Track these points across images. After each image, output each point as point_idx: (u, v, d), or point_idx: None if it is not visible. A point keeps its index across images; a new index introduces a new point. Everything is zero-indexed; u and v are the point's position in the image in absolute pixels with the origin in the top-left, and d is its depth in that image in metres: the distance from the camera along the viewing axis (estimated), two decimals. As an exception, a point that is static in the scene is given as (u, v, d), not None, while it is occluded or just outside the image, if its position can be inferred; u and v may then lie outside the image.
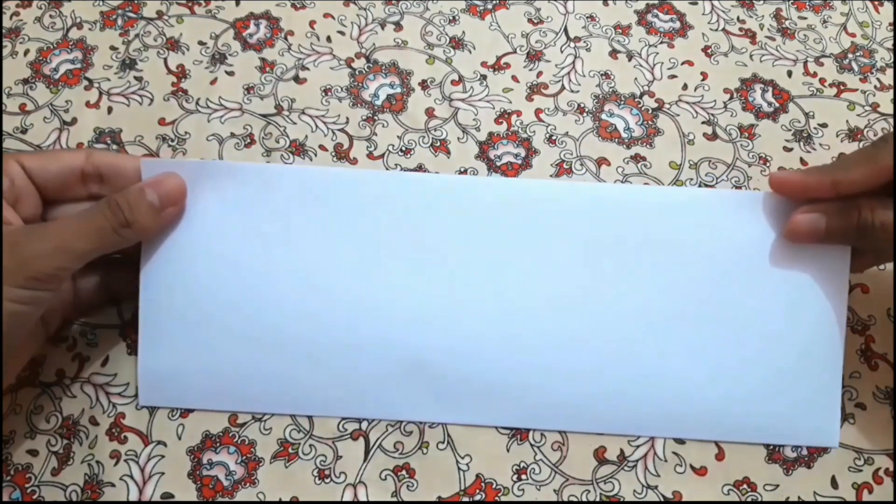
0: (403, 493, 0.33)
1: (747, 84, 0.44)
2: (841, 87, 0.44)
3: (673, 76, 0.44)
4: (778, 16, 0.47)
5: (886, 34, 0.46)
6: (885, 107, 0.43)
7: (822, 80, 0.44)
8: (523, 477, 0.33)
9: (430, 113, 0.42)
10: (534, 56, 0.44)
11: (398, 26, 0.45)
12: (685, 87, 0.44)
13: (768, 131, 0.42)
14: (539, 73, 0.44)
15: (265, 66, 0.43)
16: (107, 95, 0.42)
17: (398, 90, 0.43)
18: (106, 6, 0.45)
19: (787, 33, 0.46)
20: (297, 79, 0.43)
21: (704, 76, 0.44)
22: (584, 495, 0.33)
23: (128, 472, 0.33)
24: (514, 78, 0.44)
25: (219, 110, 0.42)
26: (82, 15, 0.45)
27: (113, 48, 0.44)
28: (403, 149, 0.41)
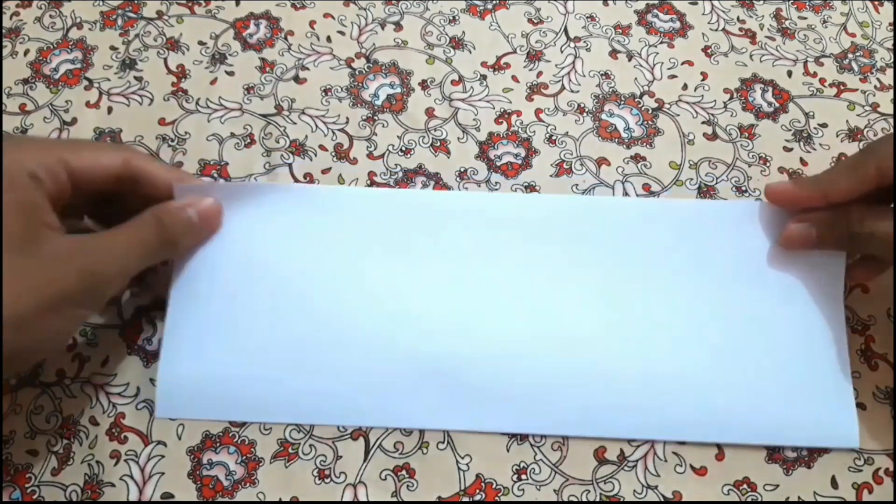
0: (403, 493, 0.33)
1: (747, 84, 0.44)
2: (841, 87, 0.44)
3: (673, 76, 0.44)
4: (778, 16, 0.47)
5: (886, 34, 0.46)
6: (885, 107, 0.43)
7: (822, 80, 0.44)
8: (523, 477, 0.33)
9: (430, 113, 0.42)
10: (534, 56, 0.44)
11: (398, 26, 0.45)
12: (685, 87, 0.44)
13: (768, 131, 0.42)
14: (539, 73, 0.44)
15: (265, 66, 0.43)
16: (107, 95, 0.42)
17: (398, 90, 0.43)
18: (106, 6, 0.45)
19: (787, 33, 0.46)
20: (297, 79, 0.43)
21: (704, 76, 0.44)
22: (584, 495, 0.33)
23: (128, 472, 0.33)
24: (514, 78, 0.44)
25: (219, 110, 0.42)
26: (82, 15, 0.45)
27: (113, 48, 0.44)
28: (403, 149, 0.41)
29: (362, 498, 0.33)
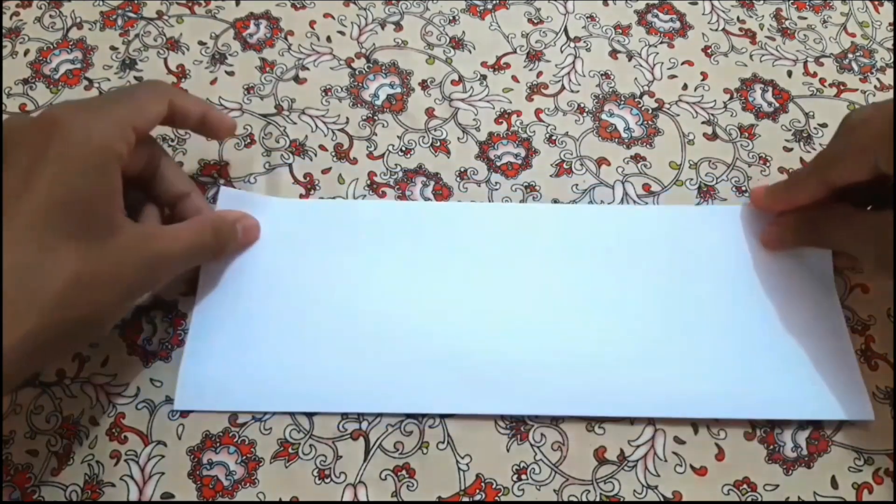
0: (403, 493, 0.33)
1: (747, 84, 0.44)
2: (841, 87, 0.44)
3: (673, 76, 0.44)
4: (778, 16, 0.47)
5: (886, 34, 0.46)
6: (885, 107, 0.43)
7: (822, 80, 0.44)
8: (523, 477, 0.33)
9: (430, 113, 0.42)
10: (534, 56, 0.44)
11: (398, 26, 0.45)
12: (685, 87, 0.44)
13: (768, 131, 0.42)
14: (539, 73, 0.44)
15: (265, 66, 0.43)
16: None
17: (398, 90, 0.43)
18: (106, 6, 0.45)
19: (787, 33, 0.46)
20: (297, 79, 0.43)
21: (704, 76, 0.44)
22: (584, 495, 0.33)
23: (128, 472, 0.33)
24: (514, 78, 0.44)
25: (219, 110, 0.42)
26: (82, 15, 0.45)
27: (113, 48, 0.44)
28: (403, 149, 0.41)
29: (362, 498, 0.33)
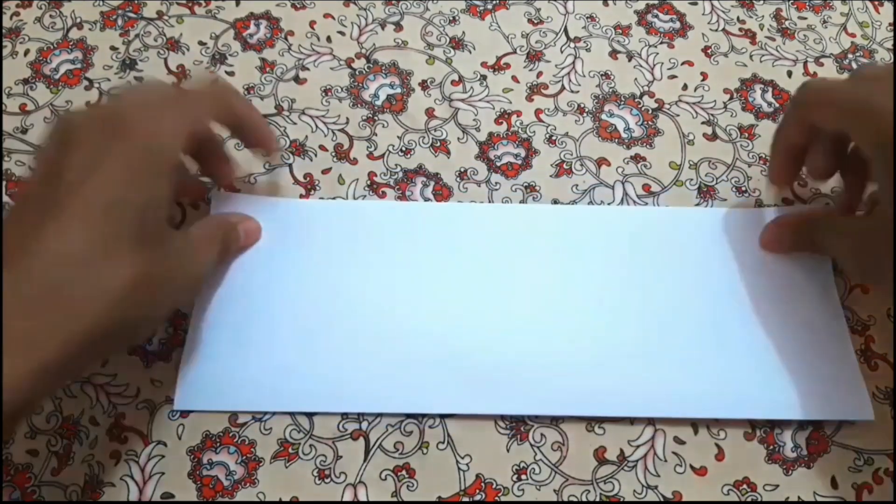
0: (403, 493, 0.33)
1: (747, 84, 0.44)
2: (841, 88, 0.44)
3: (673, 76, 0.44)
4: (778, 16, 0.47)
5: (886, 34, 0.46)
6: (884, 107, 0.43)
7: (822, 81, 0.44)
8: (523, 477, 0.33)
9: (430, 113, 0.42)
10: (534, 56, 0.44)
11: (398, 26, 0.45)
12: (685, 87, 0.44)
13: (768, 131, 0.42)
14: (539, 74, 0.44)
15: (265, 66, 0.43)
16: (107, 95, 0.42)
17: (398, 90, 0.43)
18: (106, 6, 0.45)
19: (787, 33, 0.46)
20: (297, 79, 0.43)
21: (704, 76, 0.44)
22: (584, 495, 0.33)
23: (128, 472, 0.33)
24: (514, 78, 0.44)
25: (219, 110, 0.42)
26: (82, 15, 0.45)
27: (113, 48, 0.44)
28: (403, 149, 0.41)
29: (362, 498, 0.33)
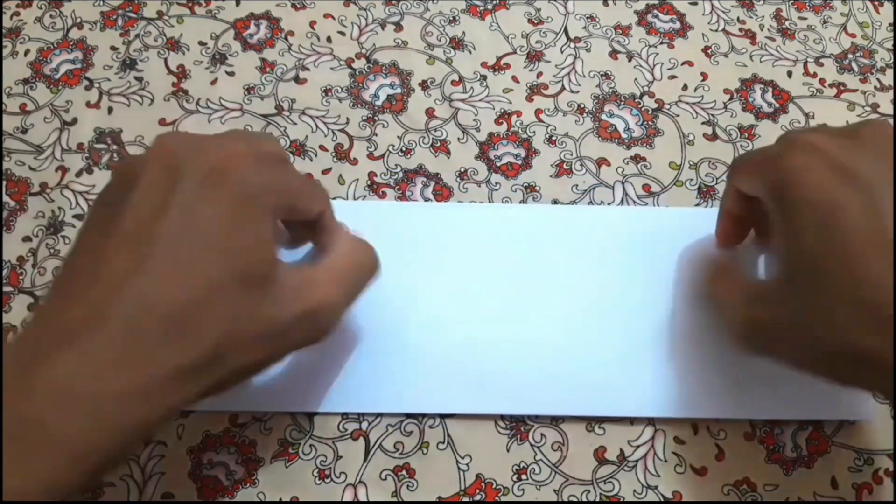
0: (403, 493, 0.33)
1: (747, 84, 0.44)
2: (841, 88, 0.44)
3: (673, 76, 0.44)
4: (778, 16, 0.47)
5: (886, 34, 0.46)
6: (885, 107, 0.43)
7: (822, 81, 0.44)
8: (523, 477, 0.33)
9: (430, 113, 0.42)
10: (534, 56, 0.44)
11: (398, 27, 0.45)
12: (685, 87, 0.44)
13: (768, 132, 0.42)
14: (539, 74, 0.44)
15: (265, 66, 0.43)
16: (107, 95, 0.42)
17: (398, 90, 0.43)
18: (106, 6, 0.45)
19: (787, 34, 0.46)
20: (297, 79, 0.43)
21: (704, 76, 0.44)
22: (584, 495, 0.33)
23: (128, 472, 0.33)
24: (514, 78, 0.44)
25: (219, 111, 0.42)
26: (82, 15, 0.45)
27: (113, 48, 0.44)
28: (403, 149, 0.41)
29: (362, 498, 0.33)
